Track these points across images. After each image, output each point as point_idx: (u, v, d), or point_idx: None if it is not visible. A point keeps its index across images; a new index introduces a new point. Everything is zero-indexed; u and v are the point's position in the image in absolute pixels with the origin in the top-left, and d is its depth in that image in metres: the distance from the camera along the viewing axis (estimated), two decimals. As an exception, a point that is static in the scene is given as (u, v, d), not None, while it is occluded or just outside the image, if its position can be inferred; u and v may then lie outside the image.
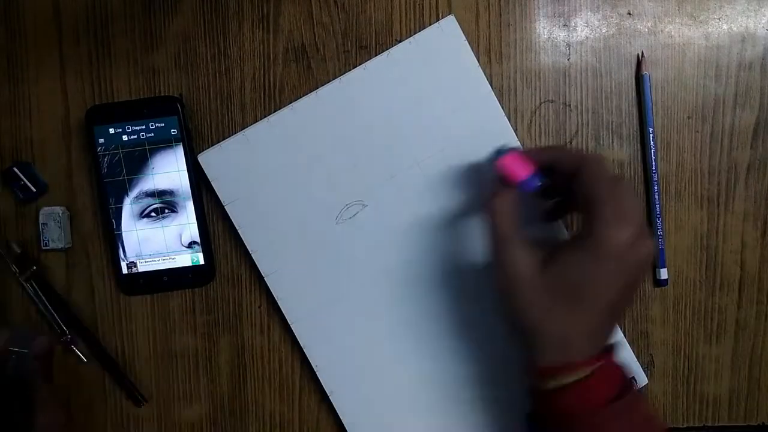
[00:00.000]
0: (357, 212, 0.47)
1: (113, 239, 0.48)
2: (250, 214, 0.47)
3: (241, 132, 0.47)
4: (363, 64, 0.47)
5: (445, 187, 0.47)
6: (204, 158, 0.47)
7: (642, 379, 0.48)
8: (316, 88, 0.48)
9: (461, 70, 0.47)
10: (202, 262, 0.48)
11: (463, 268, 0.47)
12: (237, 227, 0.47)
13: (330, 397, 0.48)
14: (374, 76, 0.47)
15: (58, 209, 0.48)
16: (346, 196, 0.47)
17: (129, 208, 0.47)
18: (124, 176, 0.47)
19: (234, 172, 0.47)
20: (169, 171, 0.47)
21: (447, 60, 0.47)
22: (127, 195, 0.47)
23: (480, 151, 0.47)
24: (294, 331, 0.48)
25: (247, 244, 0.47)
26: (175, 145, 0.47)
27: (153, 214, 0.48)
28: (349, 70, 0.48)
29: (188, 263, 0.48)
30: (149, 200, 0.47)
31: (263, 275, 0.48)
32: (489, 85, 0.47)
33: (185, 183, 0.47)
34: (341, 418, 0.48)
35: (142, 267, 0.48)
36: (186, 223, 0.48)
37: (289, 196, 0.47)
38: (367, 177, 0.47)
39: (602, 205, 0.36)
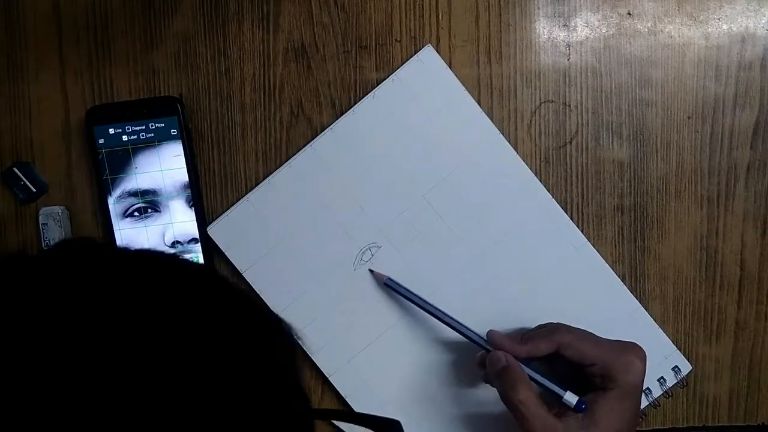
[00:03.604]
0: (373, 255, 0.48)
1: (113, 239, 0.48)
2: (268, 277, 0.48)
3: (245, 198, 0.47)
4: (351, 109, 0.47)
5: (454, 213, 0.48)
6: (213, 231, 0.47)
7: (685, 366, 0.48)
8: (316, 87, 0.48)
9: (449, 97, 0.47)
10: (201, 262, 0.48)
11: (487, 292, 0.48)
12: (258, 292, 0.47)
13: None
14: (364, 119, 0.47)
15: (58, 209, 0.48)
16: (359, 241, 0.48)
17: (124, 208, 0.48)
18: (124, 176, 0.47)
19: (245, 238, 0.47)
20: (168, 170, 0.47)
21: (432, 90, 0.47)
22: (128, 195, 0.47)
23: (481, 172, 0.48)
24: (333, 383, 0.48)
25: (271, 306, 0.47)
26: (175, 145, 0.47)
27: (136, 213, 0.48)
28: (350, 70, 0.48)
29: (188, 263, 0.48)
30: (134, 199, 0.47)
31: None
32: (479, 106, 0.47)
33: (185, 183, 0.47)
34: None
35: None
36: (170, 223, 0.48)
37: (304, 251, 0.48)
38: (376, 218, 0.47)
39: (608, 361, 0.41)
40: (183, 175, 0.47)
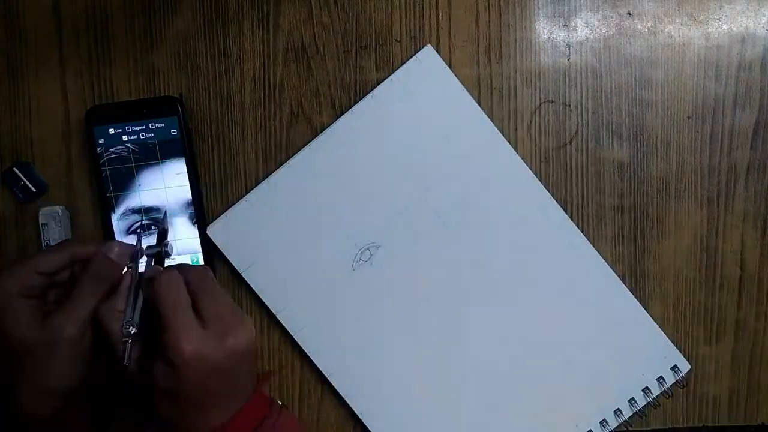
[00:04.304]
0: (372, 254, 0.48)
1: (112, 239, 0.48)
2: (267, 277, 0.48)
3: (244, 198, 0.47)
4: (350, 109, 0.47)
5: (453, 213, 0.48)
6: (213, 231, 0.47)
7: (684, 366, 0.48)
8: (316, 87, 0.48)
9: (448, 97, 0.47)
10: (201, 262, 0.48)
11: (486, 291, 0.48)
12: (257, 292, 0.48)
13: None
14: (363, 119, 0.47)
15: (58, 209, 0.48)
16: (358, 240, 0.48)
17: (127, 225, 0.47)
18: (127, 193, 0.47)
19: (244, 238, 0.47)
20: (172, 188, 0.47)
21: (432, 90, 0.47)
22: (131, 212, 0.47)
23: (481, 172, 0.48)
24: (332, 383, 0.48)
25: (270, 307, 0.48)
26: (179, 162, 0.47)
27: (140, 230, 0.47)
28: (349, 70, 0.48)
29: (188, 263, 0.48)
30: (137, 216, 0.47)
31: (291, 334, 0.48)
32: (479, 106, 0.47)
33: (188, 201, 0.47)
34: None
35: (142, 267, 0.48)
36: (174, 240, 0.47)
37: (303, 251, 0.48)
38: (376, 218, 0.48)
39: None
40: (186, 193, 0.47)
